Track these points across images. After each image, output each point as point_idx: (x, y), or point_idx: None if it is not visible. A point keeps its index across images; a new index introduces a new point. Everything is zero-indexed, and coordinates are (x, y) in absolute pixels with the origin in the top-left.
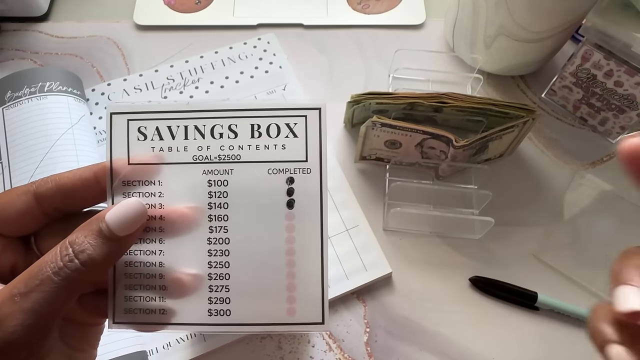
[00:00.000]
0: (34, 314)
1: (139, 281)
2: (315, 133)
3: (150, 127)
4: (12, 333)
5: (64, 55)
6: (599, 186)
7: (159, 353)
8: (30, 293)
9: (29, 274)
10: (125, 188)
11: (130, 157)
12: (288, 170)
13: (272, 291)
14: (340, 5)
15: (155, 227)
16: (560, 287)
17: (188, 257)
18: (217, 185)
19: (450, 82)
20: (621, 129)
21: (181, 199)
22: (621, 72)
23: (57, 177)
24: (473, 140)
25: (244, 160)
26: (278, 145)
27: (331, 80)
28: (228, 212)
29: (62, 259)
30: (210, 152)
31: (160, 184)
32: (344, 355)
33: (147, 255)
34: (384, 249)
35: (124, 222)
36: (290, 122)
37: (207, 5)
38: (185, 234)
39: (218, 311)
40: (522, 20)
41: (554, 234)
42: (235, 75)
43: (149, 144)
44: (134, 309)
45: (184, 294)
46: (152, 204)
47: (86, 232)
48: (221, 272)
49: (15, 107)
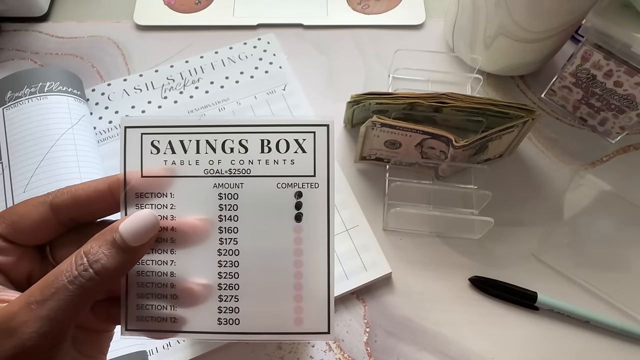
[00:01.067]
0: (50, 322)
1: (151, 290)
2: (324, 149)
3: (163, 141)
4: (28, 340)
5: (64, 55)
6: (599, 186)
7: (159, 353)
8: (46, 301)
9: (45, 283)
10: (138, 200)
11: (143, 169)
12: (296, 185)
13: (280, 301)
14: (340, 6)
15: (167, 238)
16: (560, 287)
17: (199, 267)
18: (227, 198)
19: (450, 82)
20: (621, 129)
21: (192, 211)
22: (621, 72)
23: (72, 189)
24: (473, 140)
25: (254, 175)
26: (287, 161)
27: (331, 80)
28: (238, 225)
29: (77, 268)
30: (221, 166)
31: (172, 196)
32: (344, 355)
33: (158, 265)
34: (384, 249)
35: (137, 233)
36: (299, 138)
37: (207, 6)
38: (196, 245)
39: (227, 320)
40: (522, 20)
41: (554, 234)
42: (235, 75)
43: (161, 157)
44: (146, 316)
45: (195, 303)
46: (164, 216)
47: (100, 242)
48: (231, 282)
49: (16, 107)
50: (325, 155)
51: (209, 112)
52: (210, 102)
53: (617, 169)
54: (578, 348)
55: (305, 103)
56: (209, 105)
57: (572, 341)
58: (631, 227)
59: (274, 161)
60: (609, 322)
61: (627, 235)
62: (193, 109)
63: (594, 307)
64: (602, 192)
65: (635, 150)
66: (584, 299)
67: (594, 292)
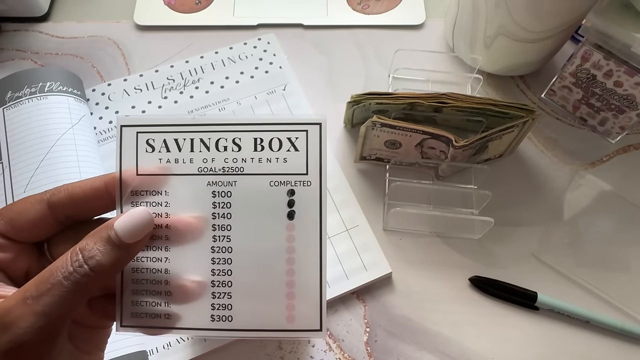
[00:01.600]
0: (45, 317)
1: (146, 287)
2: (316, 147)
3: (158, 139)
4: (23, 335)
5: (64, 55)
6: (599, 186)
7: (159, 353)
8: (42, 296)
9: (41, 279)
10: (134, 197)
11: (139, 168)
12: (289, 183)
13: (273, 299)
14: (340, 6)
15: (161, 236)
16: (560, 287)
17: (192, 265)
18: (221, 196)
19: (450, 82)
20: (621, 129)
21: (187, 208)
22: (621, 72)
23: (69, 187)
24: (473, 140)
25: (247, 173)
26: (280, 159)
27: (331, 80)
28: (231, 222)
29: (72, 264)
30: (215, 165)
31: (167, 194)
32: (344, 355)
33: (153, 262)
34: (384, 249)
35: (132, 230)
36: (292, 137)
37: (207, 6)
38: (190, 242)
39: (220, 317)
40: (522, 20)
41: (554, 234)
42: (236, 75)
43: (156, 155)
44: (141, 313)
45: (188, 299)
46: (159, 213)
47: (96, 239)
48: (224, 279)
49: (16, 107)
50: (318, 154)
51: (209, 112)
52: (211, 102)
53: (617, 169)
54: (578, 348)
55: (305, 103)
56: (209, 105)
57: (572, 341)
58: (631, 227)
59: (267, 159)
60: (609, 322)
61: (627, 235)
62: (193, 109)
63: (594, 307)
64: (602, 192)
65: (635, 150)
66: (584, 299)
67: (594, 292)
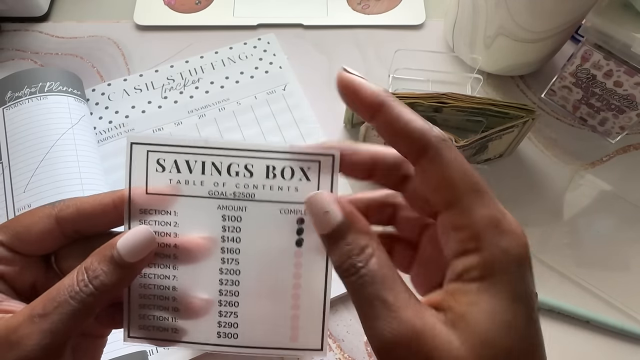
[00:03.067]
0: (51, 335)
1: (153, 302)
2: (328, 177)
3: (168, 159)
4: (30, 352)
5: (64, 55)
6: (599, 186)
7: (159, 353)
8: (49, 315)
9: (48, 297)
10: (142, 215)
11: (148, 187)
12: (299, 212)
13: (277, 319)
14: (340, 6)
15: (169, 254)
16: (560, 287)
17: (200, 283)
18: (230, 221)
19: (450, 82)
20: (621, 129)
21: (195, 229)
22: (621, 72)
23: (77, 202)
24: (473, 140)
25: (258, 199)
26: (291, 187)
27: (331, 80)
28: (240, 246)
29: (78, 284)
30: (226, 189)
31: (175, 214)
32: (344, 355)
33: (161, 279)
34: None
35: (134, 249)
36: (304, 166)
37: (207, 6)
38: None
39: (226, 334)
40: (522, 20)
41: (554, 233)
42: (236, 75)
43: (166, 175)
44: (148, 325)
45: (195, 316)
46: (167, 233)
47: (99, 258)
48: (231, 299)
49: (16, 107)
50: (329, 184)
51: (209, 112)
52: (211, 102)
53: (617, 169)
54: (578, 348)
55: (305, 103)
56: (209, 105)
57: (572, 341)
58: (631, 227)
59: (278, 187)
60: (609, 322)
61: (627, 235)
62: (193, 109)
63: (594, 307)
64: (602, 192)
65: (635, 150)
66: (584, 299)
67: (594, 292)
